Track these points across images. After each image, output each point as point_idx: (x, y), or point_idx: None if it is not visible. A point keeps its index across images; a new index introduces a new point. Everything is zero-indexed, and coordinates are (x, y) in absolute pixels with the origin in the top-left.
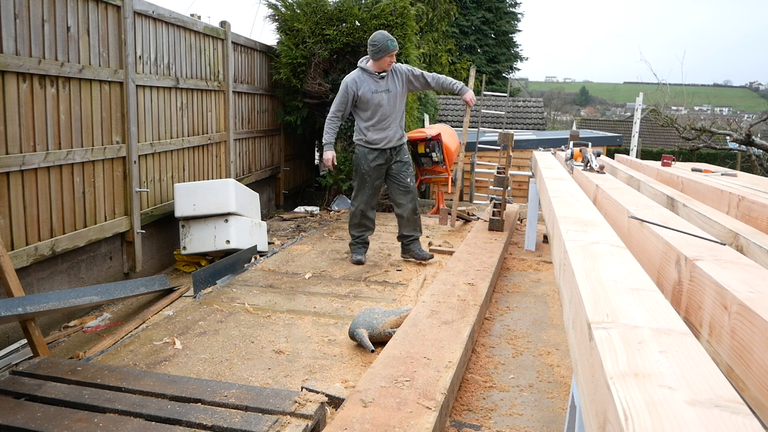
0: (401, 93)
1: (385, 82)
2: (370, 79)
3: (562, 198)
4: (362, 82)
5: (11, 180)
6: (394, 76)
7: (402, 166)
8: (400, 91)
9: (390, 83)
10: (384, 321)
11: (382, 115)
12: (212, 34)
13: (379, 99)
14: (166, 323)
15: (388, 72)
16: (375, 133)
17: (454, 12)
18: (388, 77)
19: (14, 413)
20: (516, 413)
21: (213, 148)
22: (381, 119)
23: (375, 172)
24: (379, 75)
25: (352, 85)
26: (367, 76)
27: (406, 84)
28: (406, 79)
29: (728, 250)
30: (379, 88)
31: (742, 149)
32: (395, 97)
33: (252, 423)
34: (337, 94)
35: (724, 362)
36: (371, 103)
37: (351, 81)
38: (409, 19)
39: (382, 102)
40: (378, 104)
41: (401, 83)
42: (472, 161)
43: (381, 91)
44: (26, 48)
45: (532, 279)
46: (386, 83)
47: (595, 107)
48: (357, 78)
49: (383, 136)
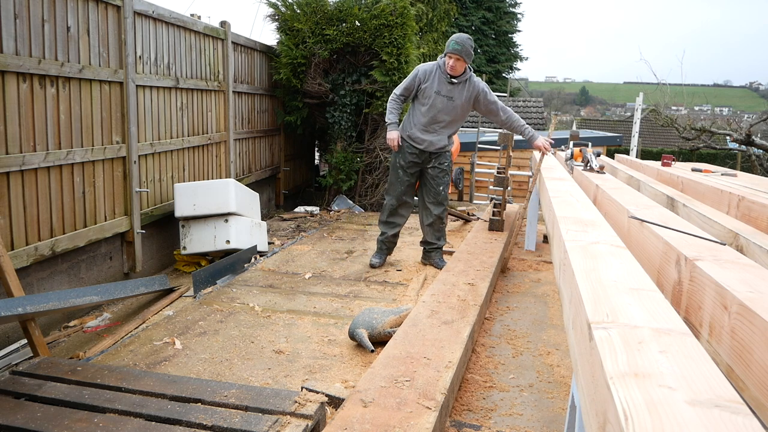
0: (463, 107)
1: (453, 89)
2: (441, 78)
3: (562, 198)
4: (432, 77)
5: (11, 180)
6: (466, 88)
7: (438, 172)
8: (463, 104)
9: (458, 92)
10: (384, 321)
11: (434, 119)
12: (212, 34)
13: (439, 102)
14: (166, 323)
15: (462, 80)
16: (421, 132)
17: (454, 12)
18: (459, 86)
19: (14, 413)
20: (516, 413)
21: (213, 148)
22: (432, 122)
23: (410, 169)
24: (451, 78)
25: (422, 74)
26: (440, 73)
27: (473, 101)
28: (475, 96)
29: (728, 250)
30: (444, 91)
31: (742, 149)
32: (456, 108)
33: (252, 423)
34: (407, 77)
35: (724, 362)
36: (429, 102)
37: (423, 70)
38: (409, 19)
39: (441, 107)
40: (434, 106)
41: (469, 97)
42: (472, 161)
43: (444, 95)
44: (26, 48)
45: (532, 279)
46: (454, 90)
47: (595, 107)
48: (430, 70)
49: (427, 138)
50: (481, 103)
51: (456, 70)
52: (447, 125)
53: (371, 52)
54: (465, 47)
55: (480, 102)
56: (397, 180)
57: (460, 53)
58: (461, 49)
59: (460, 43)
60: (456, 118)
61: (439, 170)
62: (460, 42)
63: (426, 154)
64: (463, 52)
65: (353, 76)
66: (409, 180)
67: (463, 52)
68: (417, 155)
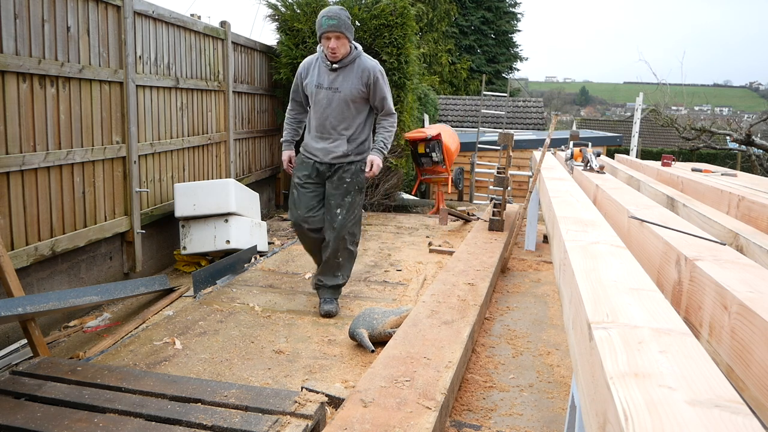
0: (355, 99)
1: (336, 77)
2: (321, 67)
3: (562, 198)
4: (312, 69)
5: (11, 180)
6: (354, 72)
7: (336, 189)
8: (353, 94)
9: (342, 80)
10: (384, 321)
11: (323, 120)
12: (212, 34)
13: (323, 98)
14: (166, 323)
15: (346, 63)
16: (314, 140)
17: (453, 12)
18: (344, 71)
19: (14, 413)
20: (516, 413)
21: (213, 148)
22: (322, 125)
23: (307, 185)
24: (332, 65)
25: (302, 69)
26: (321, 62)
27: (366, 86)
28: (367, 82)
29: (728, 250)
30: (326, 82)
31: (742, 149)
32: (345, 102)
33: (252, 423)
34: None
35: (724, 362)
36: (314, 100)
37: (303, 63)
38: (409, 19)
39: (326, 103)
40: (319, 104)
41: (359, 84)
42: (472, 161)
43: (326, 87)
44: (26, 48)
45: (532, 279)
46: (338, 79)
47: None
48: (310, 61)
49: (320, 146)
50: (371, 94)
51: (338, 52)
52: (342, 127)
53: (371, 52)
54: (341, 19)
55: (371, 91)
56: (292, 201)
57: (338, 28)
58: (338, 23)
59: (334, 16)
60: (349, 114)
61: (339, 187)
62: (333, 15)
63: (325, 166)
64: (341, 26)
65: None
66: (309, 201)
67: (341, 26)
68: (314, 168)
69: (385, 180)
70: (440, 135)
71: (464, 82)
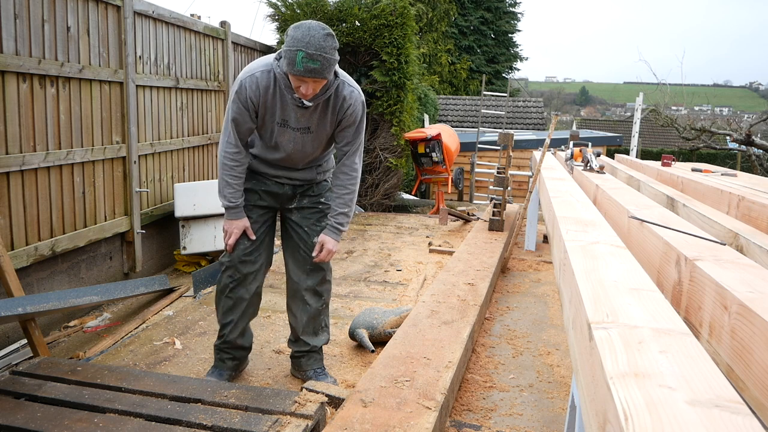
0: (332, 132)
1: (308, 116)
2: (286, 99)
3: (562, 198)
4: (271, 97)
5: (11, 180)
6: (330, 106)
7: (310, 210)
8: (329, 131)
9: (318, 119)
10: (384, 321)
11: (283, 158)
12: (212, 34)
13: (289, 139)
14: (166, 323)
15: (321, 100)
16: (264, 165)
17: (453, 12)
18: (318, 108)
19: (14, 413)
20: (516, 413)
21: (213, 148)
22: (280, 159)
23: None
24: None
25: (252, 93)
26: (284, 91)
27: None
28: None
29: (728, 250)
30: (292, 121)
31: (742, 149)
32: (320, 140)
33: (252, 423)
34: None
35: (724, 362)
36: (273, 139)
37: (250, 86)
38: (409, 19)
39: (292, 147)
40: (282, 148)
41: (336, 119)
42: (472, 161)
43: (293, 127)
44: (26, 48)
45: (532, 279)
46: (311, 117)
47: (595, 107)
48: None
49: (281, 173)
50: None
51: (309, 95)
52: (310, 160)
53: (371, 52)
54: (325, 60)
55: (346, 128)
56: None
57: (320, 73)
58: (321, 67)
59: (317, 57)
60: (320, 148)
61: (312, 209)
62: (316, 56)
63: (288, 188)
64: (324, 70)
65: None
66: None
67: (324, 70)
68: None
69: (385, 180)
70: (440, 135)
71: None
